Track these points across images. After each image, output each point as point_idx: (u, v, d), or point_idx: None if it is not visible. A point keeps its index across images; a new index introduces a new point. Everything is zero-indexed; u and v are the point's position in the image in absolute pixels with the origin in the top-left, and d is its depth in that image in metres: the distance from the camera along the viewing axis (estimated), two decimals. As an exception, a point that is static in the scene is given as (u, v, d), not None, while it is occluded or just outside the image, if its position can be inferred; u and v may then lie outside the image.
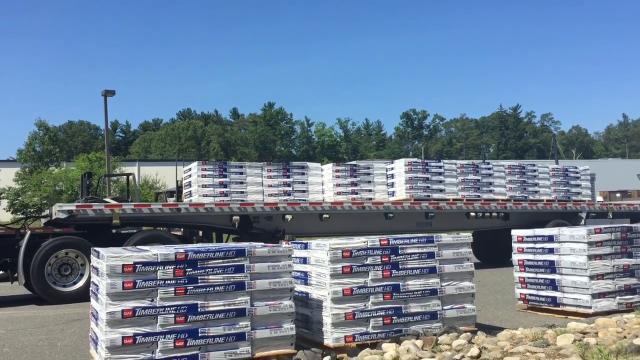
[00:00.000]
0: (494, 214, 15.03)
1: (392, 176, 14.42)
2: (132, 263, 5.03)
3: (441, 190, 14.43)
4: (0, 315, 9.42)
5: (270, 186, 13.26)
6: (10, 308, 10.50)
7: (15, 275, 10.91)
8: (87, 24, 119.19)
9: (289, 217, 13.04)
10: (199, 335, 5.13)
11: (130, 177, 16.71)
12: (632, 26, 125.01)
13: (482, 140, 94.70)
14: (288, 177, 13.49)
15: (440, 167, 14.55)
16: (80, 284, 11.03)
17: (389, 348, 5.25)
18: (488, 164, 15.56)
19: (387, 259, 6.05)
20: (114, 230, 12.16)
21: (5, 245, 11.14)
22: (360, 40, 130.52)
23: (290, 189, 13.45)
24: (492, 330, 6.29)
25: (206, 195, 12.65)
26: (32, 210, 37.33)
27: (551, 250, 7.91)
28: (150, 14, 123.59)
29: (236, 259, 5.38)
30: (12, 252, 10.94)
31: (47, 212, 15.05)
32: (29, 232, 11.18)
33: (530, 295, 8.17)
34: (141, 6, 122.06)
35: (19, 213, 37.88)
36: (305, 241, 6.43)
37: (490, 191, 14.96)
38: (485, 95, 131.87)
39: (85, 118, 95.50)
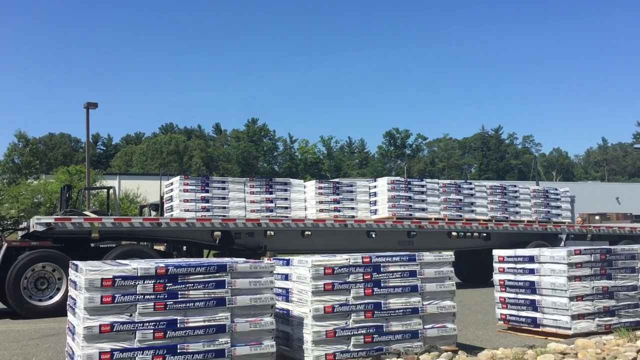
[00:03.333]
0: (476, 234, 15.09)
1: (375, 194, 14.45)
2: (111, 277, 4.96)
3: (423, 209, 14.48)
4: (-27, 329, 9.20)
5: (253, 202, 13.21)
6: (-16, 322, 10.27)
7: (-10, 288, 10.69)
8: (71, 33, 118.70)
9: (271, 233, 12.98)
10: (178, 351, 5.06)
11: (111, 190, 16.56)
12: (615, 49, 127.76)
13: (464, 161, 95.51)
14: (271, 193, 13.45)
15: (422, 186, 14.62)
16: (57, 298, 10.83)
17: (369, 366, 5.21)
18: (470, 183, 15.66)
19: (369, 276, 6.04)
20: (92, 244, 11.99)
21: (-19, 258, 10.92)
22: (344, 58, 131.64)
23: (273, 205, 13.41)
24: (472, 350, 6.29)
25: (188, 210, 12.55)
26: (8, 222, 36.71)
27: (532, 271, 7.94)
28: (134, 27, 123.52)
29: (217, 275, 5.34)
30: (-12, 264, 10.72)
31: (24, 224, 14.81)
32: (5, 245, 10.99)
33: (511, 315, 8.19)
34: (125, 18, 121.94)
35: (-5, 225, 37.23)
36: (287, 258, 6.39)
37: (472, 211, 15.05)
38: (468, 115, 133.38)
39: (66, 130, 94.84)
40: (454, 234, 14.76)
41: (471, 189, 15.25)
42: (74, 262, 5.68)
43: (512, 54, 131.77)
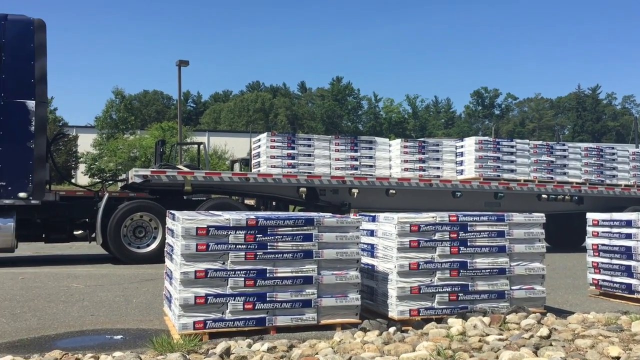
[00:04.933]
0: (567, 197, 14.52)
1: (462, 154, 14.17)
2: (205, 226, 5.19)
3: (512, 171, 14.09)
4: (79, 272, 9.96)
5: (338, 159, 13.32)
6: (89, 265, 11.09)
7: (93, 235, 11.49)
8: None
9: (355, 191, 13.07)
10: (267, 299, 5.26)
11: (201, 146, 17.16)
12: None
13: (557, 122, 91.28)
14: (356, 151, 13.50)
15: (512, 146, 14.18)
16: (153, 246, 11.48)
17: (455, 323, 5.22)
18: (563, 144, 15.01)
19: (455, 235, 5.98)
20: (185, 197, 12.56)
21: (85, 207, 11.74)
22: (431, 13, 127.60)
23: (358, 163, 13.47)
24: (562, 313, 6.13)
25: (274, 166, 12.85)
26: (107, 175, 39.02)
27: (628, 236, 7.58)
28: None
29: (305, 228, 5.46)
30: (91, 213, 11.51)
31: (123, 176, 15.68)
32: (107, 195, 11.72)
33: (604, 281, 7.89)
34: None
35: (95, 177, 39.68)
36: (373, 214, 6.44)
37: (564, 173, 14.47)
38: (563, 74, 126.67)
39: (159, 88, 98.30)
40: (544, 196, 14.29)
41: (564, 150, 14.62)
42: (171, 211, 5.97)
43: (612, 3, 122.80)
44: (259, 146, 13.56)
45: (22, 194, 10.54)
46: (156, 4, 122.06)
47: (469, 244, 6.01)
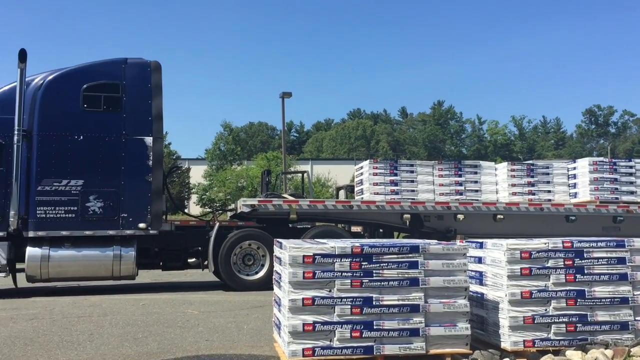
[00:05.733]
0: (698, 221, 13.36)
1: (574, 176, 13.51)
2: (312, 254, 5.30)
3: (632, 192, 13.25)
4: (194, 299, 10.44)
5: (442, 185, 13.14)
6: (202, 292, 11.59)
7: (206, 262, 12.01)
8: (265, 30, 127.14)
9: (460, 216, 12.80)
10: (374, 327, 5.25)
11: (305, 174, 17.54)
12: None
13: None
14: (460, 176, 13.26)
15: (631, 167, 13.37)
16: (261, 273, 11.81)
17: (574, 356, 4.95)
18: (690, 163, 13.88)
19: (570, 262, 5.69)
20: (290, 225, 12.85)
21: (198, 236, 12.32)
22: (534, 31, 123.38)
23: (462, 188, 13.20)
24: (695, 347, 5.62)
25: (377, 193, 12.87)
26: (217, 204, 40.72)
27: None
28: (320, 19, 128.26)
29: (410, 255, 5.42)
30: (204, 241, 12.05)
31: (232, 206, 16.31)
32: (217, 224, 12.24)
33: None
34: (312, 11, 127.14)
35: (206, 207, 41.53)
36: (480, 240, 6.28)
37: (694, 194, 13.34)
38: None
39: (263, 119, 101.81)
40: (670, 219, 13.23)
41: (693, 169, 13.51)
42: (278, 240, 6.15)
43: None
44: (362, 173, 13.66)
45: (141, 225, 11.27)
46: (259, 42, 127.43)
47: (586, 271, 5.70)
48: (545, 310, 5.56)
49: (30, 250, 10.80)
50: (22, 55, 10.87)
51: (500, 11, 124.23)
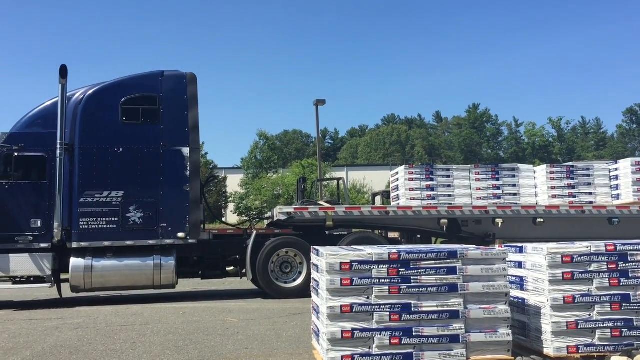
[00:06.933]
0: None
1: (616, 177, 13.17)
2: (349, 261, 5.30)
3: (677, 193, 12.79)
4: (233, 307, 10.54)
5: (479, 189, 12.98)
6: (241, 300, 11.68)
7: (244, 271, 12.12)
8: (298, 39, 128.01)
9: (499, 221, 12.62)
10: (414, 334, 5.21)
11: (340, 181, 17.55)
12: None
13: None
14: (497, 179, 13.07)
15: (676, 166, 12.92)
16: (299, 281, 11.86)
17: (619, 362, 4.82)
18: None
19: (614, 265, 5.56)
20: (327, 232, 12.86)
21: (235, 244, 12.46)
22: (571, 30, 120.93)
23: (500, 192, 13.02)
24: None
25: (413, 199, 12.79)
26: (254, 212, 41.02)
27: None
28: (352, 26, 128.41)
29: (448, 261, 5.37)
30: (241, 250, 12.17)
31: (268, 214, 16.43)
32: (254, 232, 12.35)
33: None
34: (344, 19, 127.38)
35: (243, 215, 41.87)
36: (520, 245, 6.18)
37: None
38: None
39: (298, 127, 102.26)
40: None
41: None
42: (315, 247, 6.17)
43: None
44: (397, 179, 13.59)
45: (180, 234, 11.45)
46: (293, 51, 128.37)
47: (630, 275, 5.56)
48: (589, 315, 5.44)
49: (74, 261, 11.09)
50: (63, 72, 11.19)
51: (534, 14, 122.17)
